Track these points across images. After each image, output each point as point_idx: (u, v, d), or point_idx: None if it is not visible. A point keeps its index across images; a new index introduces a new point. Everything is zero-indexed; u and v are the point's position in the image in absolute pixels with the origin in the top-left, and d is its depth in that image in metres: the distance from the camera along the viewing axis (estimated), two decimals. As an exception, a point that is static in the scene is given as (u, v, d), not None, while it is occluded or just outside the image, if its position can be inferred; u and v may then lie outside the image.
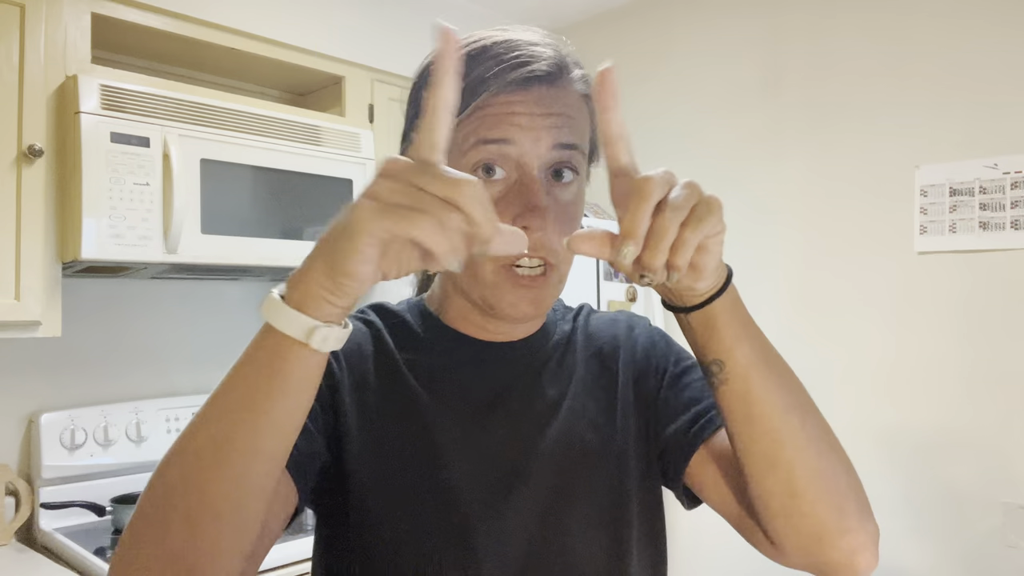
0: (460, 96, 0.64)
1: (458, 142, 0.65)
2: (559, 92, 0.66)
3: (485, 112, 0.64)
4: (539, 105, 0.64)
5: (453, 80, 0.48)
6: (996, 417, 1.83)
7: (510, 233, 0.48)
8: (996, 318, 1.84)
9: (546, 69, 0.65)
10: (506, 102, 0.64)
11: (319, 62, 2.00)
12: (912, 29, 1.97)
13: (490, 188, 0.64)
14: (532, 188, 0.64)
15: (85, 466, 1.78)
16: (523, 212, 0.63)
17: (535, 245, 0.64)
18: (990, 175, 1.85)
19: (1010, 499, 1.80)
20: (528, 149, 0.64)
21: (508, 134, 0.63)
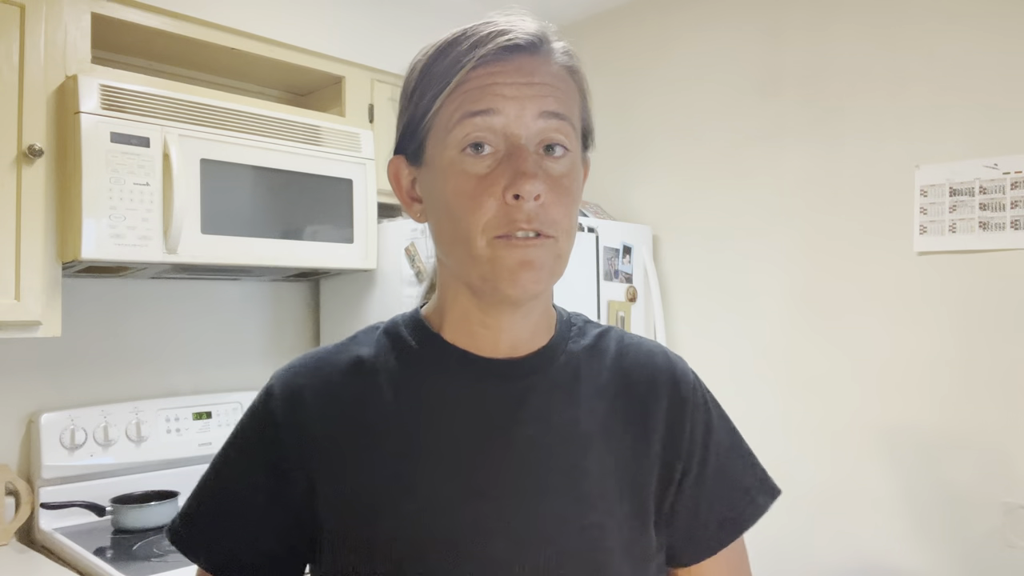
0: (440, 75, 0.64)
1: (443, 121, 0.64)
2: (541, 61, 0.65)
3: (467, 86, 0.63)
4: (521, 74, 0.63)
5: None
6: (996, 417, 1.83)
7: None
8: (996, 318, 1.84)
9: (525, 38, 0.64)
10: (487, 73, 0.63)
11: (319, 62, 2.00)
12: (912, 29, 1.97)
13: (479, 163, 0.63)
14: (520, 155, 0.62)
15: (85, 466, 1.78)
16: (513, 180, 0.62)
17: (528, 216, 0.62)
18: (990, 175, 1.85)
19: (1010, 499, 1.80)
20: (514, 118, 0.63)
21: (492, 104, 0.62)
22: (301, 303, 2.32)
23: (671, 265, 2.47)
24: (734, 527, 0.75)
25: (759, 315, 2.25)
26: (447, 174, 0.64)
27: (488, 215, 0.62)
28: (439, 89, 0.64)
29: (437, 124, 0.65)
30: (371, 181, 1.99)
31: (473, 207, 0.63)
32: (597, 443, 0.70)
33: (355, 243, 1.96)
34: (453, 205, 0.64)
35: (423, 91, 0.67)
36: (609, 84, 2.57)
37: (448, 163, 0.64)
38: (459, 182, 0.64)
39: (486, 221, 0.63)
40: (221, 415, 2.01)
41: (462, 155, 0.63)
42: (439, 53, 0.66)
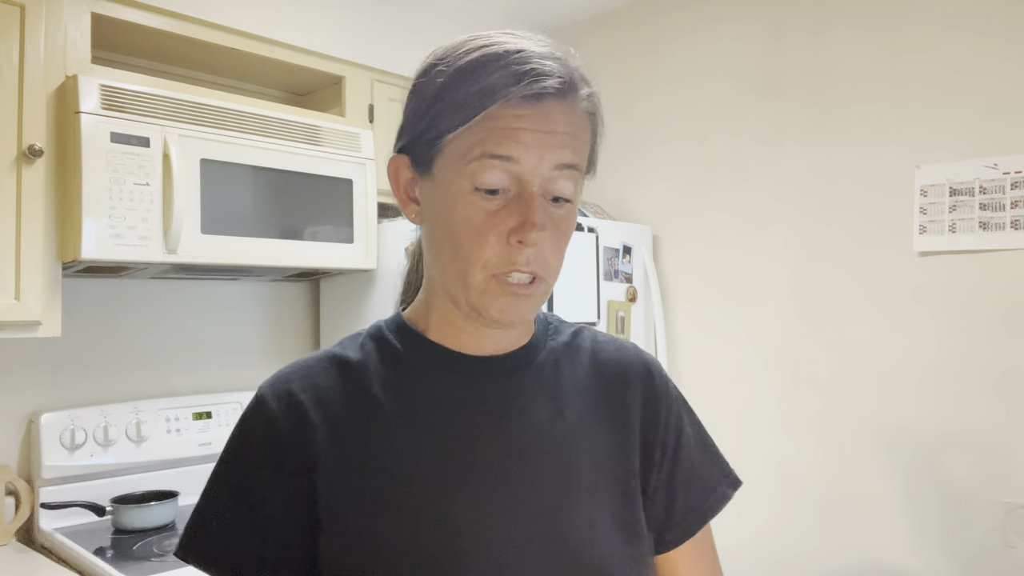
0: (467, 100, 0.64)
1: (461, 149, 0.65)
2: (567, 109, 0.66)
3: (494, 124, 0.64)
4: (547, 122, 0.65)
5: None
6: (996, 417, 1.83)
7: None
8: (996, 318, 1.84)
9: (557, 85, 0.65)
10: (515, 116, 0.64)
11: (319, 62, 2.00)
12: (913, 30, 1.97)
13: (491, 203, 0.65)
14: (531, 204, 0.65)
15: (85, 466, 1.78)
16: (520, 227, 0.64)
17: (528, 260, 0.65)
18: (990, 175, 1.85)
19: (1010, 499, 1.80)
20: (531, 167, 0.64)
21: (514, 152, 0.64)
22: (301, 303, 2.32)
23: (671, 265, 2.47)
24: (700, 516, 0.79)
25: (759, 315, 2.25)
26: (456, 201, 0.66)
27: (489, 253, 0.65)
28: (462, 116, 0.65)
29: (453, 149, 0.66)
30: (371, 181, 1.99)
31: (478, 243, 0.65)
32: (582, 434, 0.73)
33: (355, 243, 1.96)
34: (458, 233, 0.66)
35: (443, 108, 0.66)
36: (609, 85, 2.57)
37: (459, 191, 0.66)
38: (467, 213, 0.65)
39: (487, 259, 0.65)
40: (221, 415, 2.01)
41: (475, 190, 0.65)
42: (467, 72, 0.66)
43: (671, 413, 0.80)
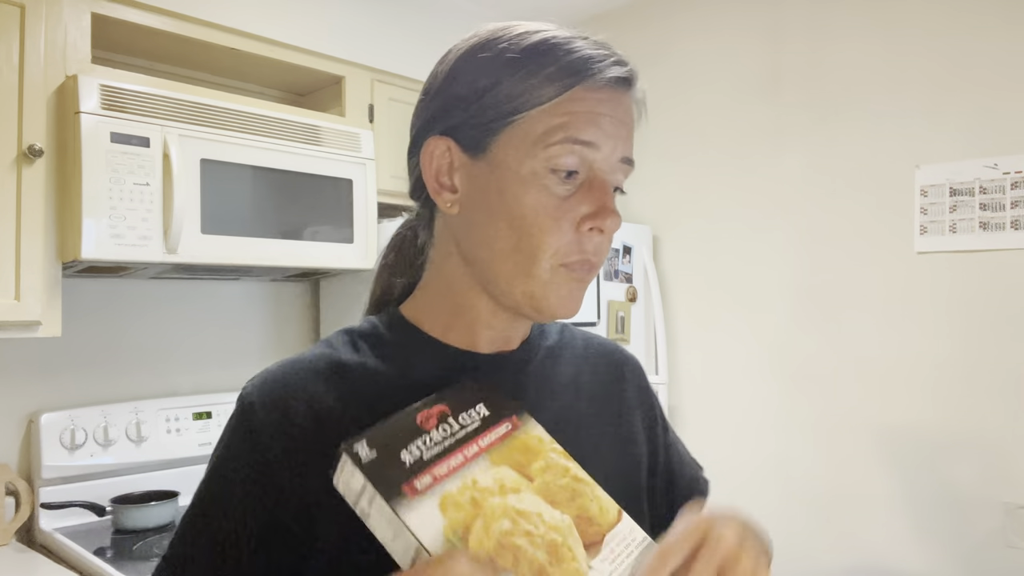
0: (548, 79, 0.62)
1: (539, 131, 0.62)
2: (630, 101, 0.66)
3: (575, 107, 0.61)
4: (622, 111, 0.64)
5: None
6: (996, 417, 1.83)
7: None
8: (996, 318, 1.84)
9: (628, 74, 0.64)
10: (598, 100, 0.62)
11: (319, 62, 2.00)
12: (912, 29, 1.97)
13: (564, 187, 0.63)
14: (607, 191, 0.64)
15: (85, 466, 1.78)
16: (596, 213, 0.63)
17: (598, 248, 0.64)
18: (990, 175, 1.85)
19: (1011, 499, 1.80)
20: (606, 155, 0.63)
21: (596, 138, 0.62)
22: (301, 303, 2.32)
23: (671, 265, 2.47)
24: (699, 497, 0.84)
25: (759, 315, 2.25)
26: (526, 184, 0.62)
27: (563, 240, 0.63)
28: (545, 94, 0.61)
29: (525, 128, 0.62)
30: (371, 181, 1.99)
31: (551, 228, 0.62)
32: (587, 428, 0.74)
33: (355, 243, 1.96)
34: (527, 219, 0.62)
35: (516, 86, 0.62)
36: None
37: (529, 173, 0.62)
38: (539, 198, 0.62)
39: (559, 246, 0.63)
40: (221, 415, 2.01)
41: (551, 174, 0.62)
42: (538, 52, 0.63)
43: (654, 405, 0.83)
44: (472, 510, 0.55)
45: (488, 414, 0.62)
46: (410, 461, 0.56)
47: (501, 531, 0.54)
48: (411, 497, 0.54)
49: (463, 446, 0.59)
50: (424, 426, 0.59)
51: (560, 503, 0.58)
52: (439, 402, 0.61)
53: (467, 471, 0.57)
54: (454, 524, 0.54)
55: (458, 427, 0.60)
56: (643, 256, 2.38)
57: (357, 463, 0.55)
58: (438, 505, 0.54)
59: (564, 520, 0.56)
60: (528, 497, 0.57)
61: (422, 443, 0.58)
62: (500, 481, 0.57)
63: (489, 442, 0.60)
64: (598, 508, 0.59)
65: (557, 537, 0.55)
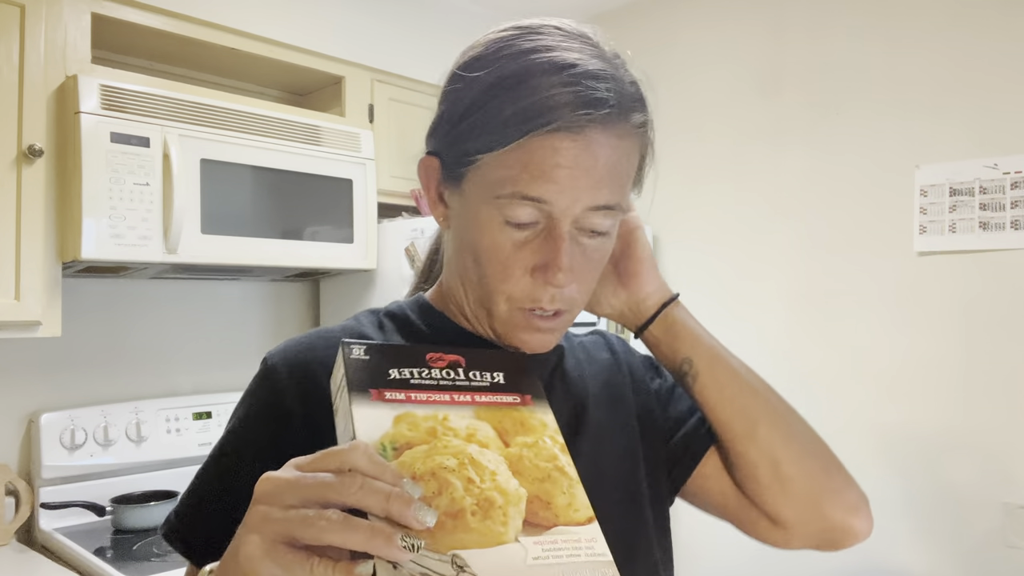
0: (504, 123, 0.58)
1: (493, 178, 0.60)
2: (612, 139, 0.61)
3: (529, 158, 0.59)
4: (586, 157, 0.59)
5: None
6: (996, 417, 1.83)
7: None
8: (996, 318, 1.84)
9: (604, 114, 0.59)
10: (552, 149, 0.58)
11: (319, 62, 2.00)
12: (913, 28, 1.97)
13: (519, 234, 0.61)
14: (558, 244, 0.60)
15: (85, 466, 1.78)
16: (546, 267, 0.61)
17: (552, 298, 0.63)
18: (990, 175, 1.85)
19: (1010, 499, 1.80)
20: (563, 209, 0.60)
21: (546, 194, 0.59)
22: (301, 303, 2.32)
23: (671, 265, 2.47)
24: (708, 439, 0.76)
25: (759, 315, 2.25)
26: (484, 227, 0.62)
27: (514, 288, 0.63)
28: (496, 140, 0.59)
29: (484, 172, 0.61)
30: (371, 181, 1.99)
31: (503, 275, 0.62)
32: (599, 423, 0.72)
33: (355, 243, 1.96)
34: (482, 260, 0.63)
35: (477, 124, 0.61)
36: (609, 84, 2.57)
37: (487, 219, 0.62)
38: (494, 242, 0.62)
39: (511, 292, 0.63)
40: (221, 415, 2.01)
41: (504, 223, 0.61)
42: (506, 85, 0.60)
43: (636, 368, 0.80)
44: (425, 437, 0.52)
45: (501, 382, 0.59)
46: (394, 376, 0.55)
47: (442, 464, 0.50)
48: (373, 399, 0.53)
49: (457, 392, 0.57)
50: (430, 363, 0.58)
51: (525, 478, 0.52)
52: (457, 353, 0.59)
53: (444, 409, 0.55)
54: (396, 437, 0.51)
55: (463, 379, 0.58)
56: (643, 256, 2.37)
57: (345, 357, 0.55)
58: (394, 417, 0.52)
59: (518, 490, 0.51)
60: (491, 455, 0.52)
61: (417, 371, 0.57)
62: (472, 430, 0.54)
63: (486, 401, 0.57)
64: (566, 502, 0.53)
65: (498, 498, 0.50)
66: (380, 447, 0.50)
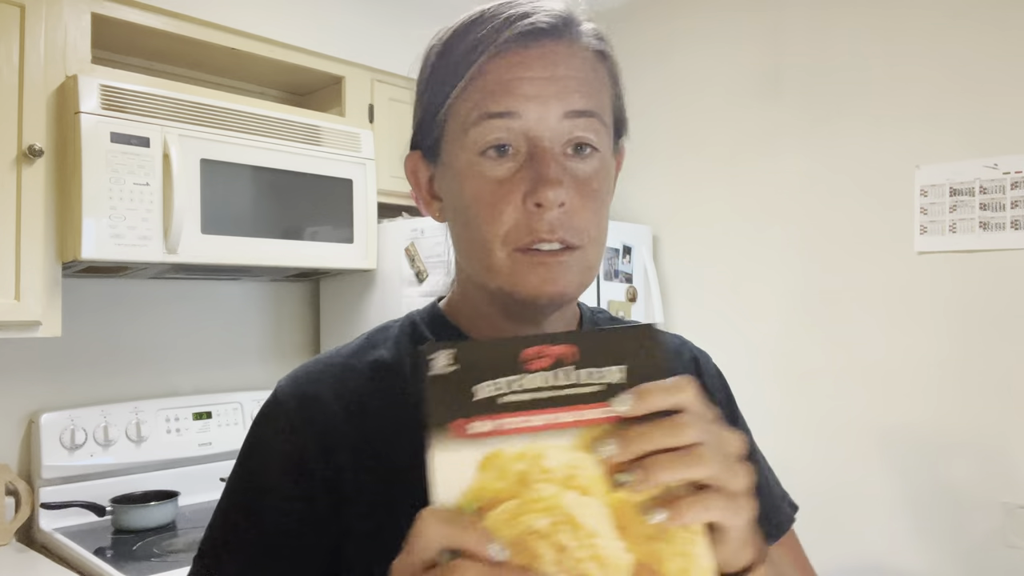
0: (456, 64, 0.58)
1: (460, 118, 0.58)
2: (567, 48, 0.59)
3: (485, 79, 0.57)
4: (544, 65, 0.57)
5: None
6: (996, 417, 1.83)
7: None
8: (996, 318, 1.84)
9: (548, 20, 0.57)
10: (507, 65, 0.57)
11: (319, 62, 2.00)
12: (912, 29, 1.97)
13: (499, 167, 0.58)
14: (543, 159, 0.57)
15: (85, 466, 1.78)
16: (534, 186, 0.56)
17: (551, 226, 0.57)
18: (990, 175, 1.85)
19: (1010, 499, 1.80)
20: (535, 120, 0.57)
21: (512, 105, 0.56)
22: (301, 303, 2.32)
23: (671, 265, 2.47)
24: (773, 530, 0.72)
25: (759, 315, 2.25)
26: (464, 177, 0.59)
27: (507, 224, 0.57)
28: (453, 81, 0.58)
29: (453, 120, 0.60)
30: (371, 181, 1.99)
31: (491, 215, 0.58)
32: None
33: (355, 243, 1.96)
34: (470, 211, 0.59)
35: (437, 81, 0.60)
36: (609, 84, 2.57)
37: (466, 165, 0.59)
38: (477, 186, 0.58)
39: (505, 231, 0.58)
40: (221, 415, 2.01)
41: (481, 158, 0.58)
42: (455, 37, 0.60)
43: (731, 410, 0.73)
44: (514, 486, 0.43)
45: (622, 382, 0.45)
46: (482, 396, 0.44)
47: (530, 527, 0.42)
48: (453, 437, 0.44)
49: (558, 408, 0.44)
50: (528, 364, 0.45)
51: (631, 535, 0.43)
52: (572, 341, 0.46)
53: (541, 439, 0.44)
54: (480, 492, 0.43)
55: (569, 382, 0.45)
56: (643, 256, 2.38)
57: (424, 375, 0.45)
58: (479, 461, 0.43)
59: (623, 558, 0.42)
60: (593, 507, 0.42)
61: (508, 383, 0.45)
62: (572, 470, 0.43)
63: (594, 417, 0.44)
64: (679, 568, 0.42)
65: (594, 571, 0.41)
66: (459, 507, 0.43)
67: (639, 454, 0.42)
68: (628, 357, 0.46)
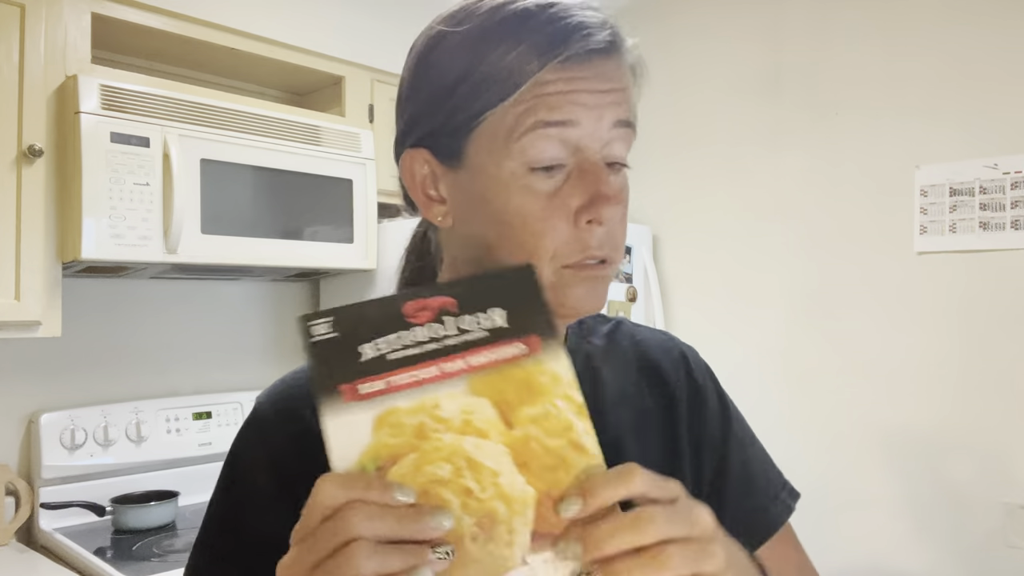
0: (508, 68, 0.55)
1: (506, 125, 0.56)
2: (616, 64, 0.58)
3: (544, 90, 0.55)
4: (601, 81, 0.56)
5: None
6: (996, 417, 1.83)
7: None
8: (996, 318, 1.83)
9: (609, 39, 0.57)
10: (568, 78, 0.55)
11: (319, 62, 2.00)
12: (912, 29, 1.97)
13: (549, 181, 0.56)
14: (599, 175, 0.56)
15: (85, 466, 1.78)
16: (591, 203, 0.55)
17: (600, 242, 0.57)
18: (990, 175, 1.85)
19: (1010, 499, 1.80)
20: (591, 130, 0.56)
21: (572, 114, 0.55)
22: (301, 303, 2.32)
23: (671, 265, 2.47)
24: (764, 528, 0.71)
25: (759, 315, 2.25)
26: (507, 188, 0.56)
27: (559, 240, 0.56)
28: (506, 88, 0.55)
29: (495, 128, 0.56)
30: (371, 181, 1.99)
31: (543, 231, 0.56)
32: (628, 449, 0.66)
33: (355, 243, 1.96)
34: (515, 225, 0.56)
35: (477, 83, 0.56)
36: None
37: (508, 176, 0.56)
38: (524, 201, 0.56)
39: (556, 247, 0.56)
40: (221, 415, 2.01)
41: (531, 172, 0.56)
42: (497, 36, 0.56)
43: (714, 415, 0.72)
44: (413, 439, 0.43)
45: (503, 326, 0.47)
46: (368, 356, 0.45)
47: (434, 476, 0.42)
48: (345, 400, 0.44)
49: (446, 358, 0.46)
50: (411, 318, 0.46)
51: (532, 469, 0.44)
52: (448, 292, 0.47)
53: (433, 389, 0.45)
54: (379, 449, 0.43)
55: (454, 332, 0.46)
56: (643, 256, 2.38)
57: (306, 343, 0.45)
58: (373, 420, 0.44)
59: (525, 492, 0.43)
60: (492, 448, 0.44)
61: (396, 338, 0.46)
62: (468, 415, 0.44)
63: (482, 362, 0.46)
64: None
65: (501, 509, 0.42)
66: (359, 469, 0.43)
67: (603, 557, 0.42)
68: (507, 300, 0.47)
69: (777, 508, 0.73)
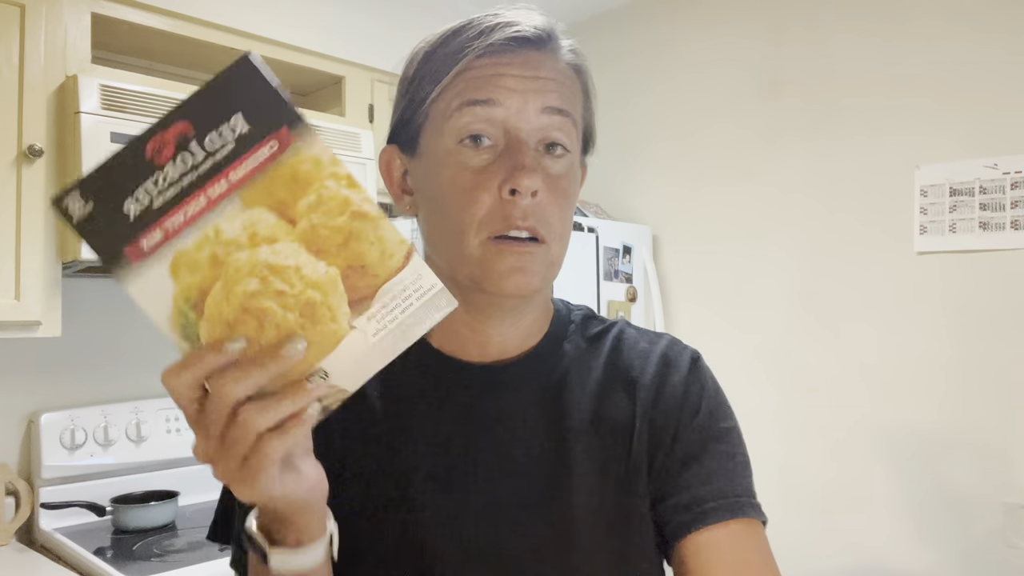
0: (442, 62, 0.62)
1: (441, 109, 0.62)
2: (547, 57, 0.63)
3: (470, 75, 0.61)
4: (527, 67, 0.61)
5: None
6: (996, 417, 1.83)
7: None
8: (996, 318, 1.84)
9: (533, 31, 0.62)
10: (492, 63, 0.61)
11: (319, 62, 2.00)
12: (912, 30, 1.97)
13: (477, 156, 0.61)
14: (520, 149, 0.60)
15: (85, 466, 1.77)
16: (510, 174, 0.59)
17: (524, 213, 0.60)
18: (990, 175, 1.85)
19: (1010, 499, 1.80)
20: (515, 111, 0.60)
21: (494, 94, 0.60)
22: (301, 303, 2.32)
23: (671, 265, 2.47)
24: (704, 515, 0.66)
25: (759, 315, 2.25)
26: (442, 165, 0.62)
27: (483, 211, 0.60)
28: (440, 76, 0.62)
29: (435, 113, 0.63)
30: (371, 181, 1.99)
31: (468, 201, 0.60)
32: (582, 453, 0.65)
33: (355, 243, 1.96)
34: (447, 198, 0.61)
35: (422, 78, 0.64)
36: (610, 84, 2.57)
37: (444, 153, 0.62)
38: (455, 174, 0.61)
39: (481, 217, 0.60)
40: (221, 415, 2.01)
41: (459, 146, 0.61)
42: (441, 42, 0.64)
43: (687, 405, 0.68)
44: (212, 270, 0.45)
45: (247, 130, 0.46)
46: (136, 212, 0.45)
47: (245, 293, 0.45)
48: (135, 262, 0.45)
49: (207, 184, 0.45)
50: (156, 160, 0.45)
51: (328, 251, 0.46)
52: (179, 118, 0.46)
53: (209, 219, 0.45)
54: (187, 290, 0.45)
55: (203, 155, 0.45)
56: (643, 256, 2.38)
57: (69, 222, 0.44)
58: (169, 268, 0.45)
59: (329, 273, 0.46)
60: (286, 248, 0.46)
61: (152, 184, 0.45)
62: (251, 229, 0.46)
63: (243, 174, 0.45)
64: (378, 253, 0.47)
65: (316, 295, 0.46)
66: (180, 314, 0.45)
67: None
68: (239, 102, 0.48)
69: (726, 502, 0.67)
